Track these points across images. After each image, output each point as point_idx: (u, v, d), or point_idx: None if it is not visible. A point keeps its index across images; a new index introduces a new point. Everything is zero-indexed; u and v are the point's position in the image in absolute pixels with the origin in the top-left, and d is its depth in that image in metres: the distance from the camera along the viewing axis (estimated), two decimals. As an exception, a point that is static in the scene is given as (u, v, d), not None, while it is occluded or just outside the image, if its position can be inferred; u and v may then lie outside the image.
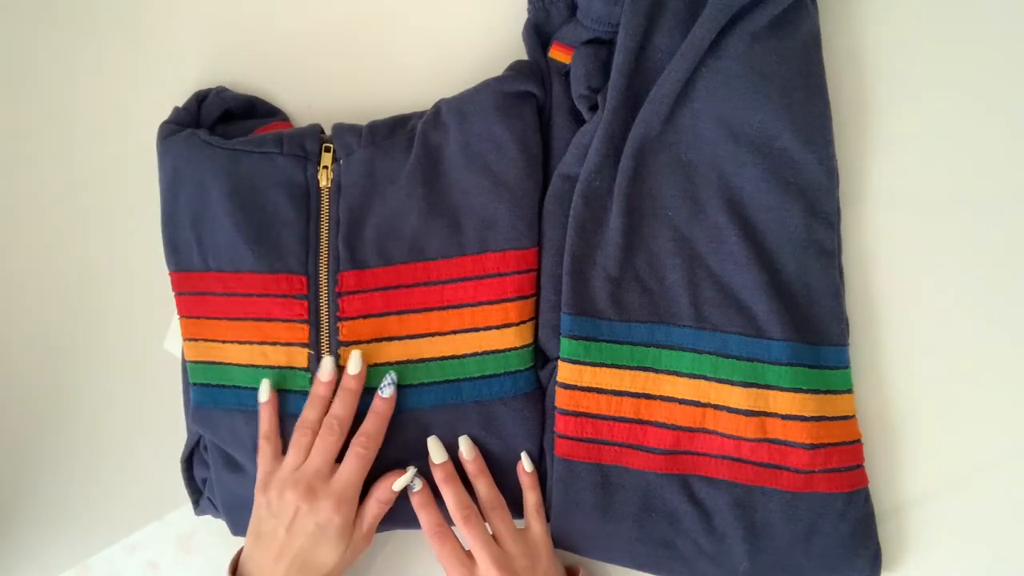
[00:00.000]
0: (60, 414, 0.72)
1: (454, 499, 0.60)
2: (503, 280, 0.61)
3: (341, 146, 0.63)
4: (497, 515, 0.60)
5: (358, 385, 0.61)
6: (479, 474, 0.61)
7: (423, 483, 0.61)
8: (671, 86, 0.59)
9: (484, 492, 0.61)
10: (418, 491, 0.61)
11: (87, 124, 0.74)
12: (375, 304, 0.62)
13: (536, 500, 0.61)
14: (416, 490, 0.61)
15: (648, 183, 0.61)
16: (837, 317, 0.60)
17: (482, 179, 0.61)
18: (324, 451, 0.59)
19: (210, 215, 0.63)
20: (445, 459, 0.61)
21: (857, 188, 0.63)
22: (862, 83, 0.64)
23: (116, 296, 0.72)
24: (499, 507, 0.60)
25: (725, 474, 0.59)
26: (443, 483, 0.60)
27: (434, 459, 0.61)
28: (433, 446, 0.61)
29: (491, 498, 0.60)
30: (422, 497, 0.61)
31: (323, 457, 0.59)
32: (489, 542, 0.58)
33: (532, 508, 0.61)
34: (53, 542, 0.71)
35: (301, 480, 0.58)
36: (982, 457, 0.62)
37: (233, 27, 0.72)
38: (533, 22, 0.65)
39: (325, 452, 0.59)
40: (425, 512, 0.60)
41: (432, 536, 0.60)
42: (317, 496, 0.58)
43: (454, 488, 0.60)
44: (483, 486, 0.61)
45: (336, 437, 0.59)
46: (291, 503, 0.58)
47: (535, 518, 0.61)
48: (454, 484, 0.60)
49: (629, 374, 0.60)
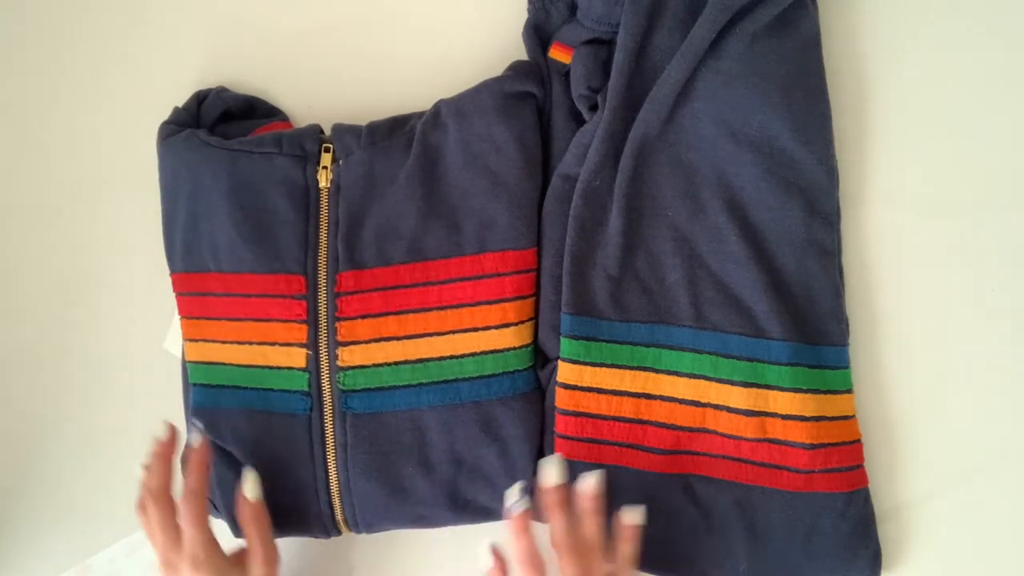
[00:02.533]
0: (60, 414, 0.72)
1: (561, 527, 0.55)
2: (502, 280, 0.61)
3: (340, 147, 0.63)
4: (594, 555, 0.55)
5: (163, 450, 0.59)
6: (593, 513, 0.56)
7: (527, 502, 0.56)
8: (671, 86, 0.59)
9: (593, 531, 0.55)
10: (520, 514, 0.55)
11: (87, 124, 0.74)
12: (374, 304, 0.62)
13: (630, 552, 0.56)
14: (517, 512, 0.55)
15: (648, 183, 0.61)
16: (837, 317, 0.60)
17: (481, 179, 0.61)
18: (159, 526, 0.57)
19: (210, 215, 0.63)
20: (562, 482, 0.56)
21: (857, 188, 0.63)
22: (862, 83, 0.64)
23: (116, 296, 0.72)
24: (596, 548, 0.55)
25: (725, 474, 0.59)
26: (553, 508, 0.55)
27: (548, 480, 0.56)
28: (552, 466, 0.56)
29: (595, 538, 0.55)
30: (521, 522, 0.55)
31: (162, 530, 0.57)
32: None
33: (622, 559, 0.56)
34: (53, 542, 0.71)
35: (161, 561, 0.58)
36: (982, 457, 0.62)
37: (233, 27, 0.72)
38: (533, 22, 0.65)
39: (160, 525, 0.57)
40: (522, 539, 0.55)
41: (525, 565, 0.55)
42: (176, 568, 0.57)
43: (564, 515, 0.55)
44: (594, 525, 0.55)
45: (159, 508, 0.57)
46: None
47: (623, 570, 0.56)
48: (564, 511, 0.55)
49: (629, 374, 0.60)
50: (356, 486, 0.61)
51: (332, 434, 0.62)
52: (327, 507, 0.62)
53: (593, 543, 0.55)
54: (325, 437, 0.62)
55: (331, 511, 0.63)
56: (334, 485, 0.62)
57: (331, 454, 0.62)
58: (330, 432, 0.62)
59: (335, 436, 0.62)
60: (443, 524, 0.64)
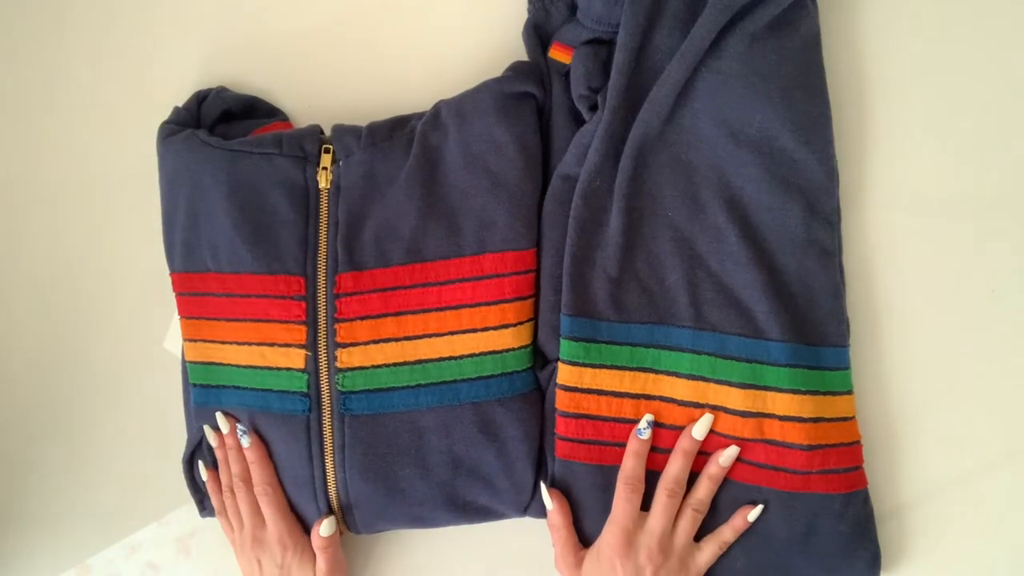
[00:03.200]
0: (60, 414, 0.72)
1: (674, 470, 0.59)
2: (501, 281, 0.61)
3: (340, 147, 0.63)
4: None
5: (234, 440, 0.64)
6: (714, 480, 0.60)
7: (650, 432, 0.60)
8: (671, 86, 0.59)
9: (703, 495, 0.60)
10: (643, 439, 0.59)
11: (87, 124, 0.74)
12: (373, 305, 0.62)
13: (725, 540, 0.60)
14: (642, 437, 0.59)
15: (648, 183, 0.61)
16: (837, 317, 0.60)
17: (481, 180, 0.61)
18: (245, 509, 0.64)
19: (209, 216, 0.63)
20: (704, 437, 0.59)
21: (857, 188, 0.63)
22: (862, 83, 0.64)
23: (116, 296, 0.72)
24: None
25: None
26: (680, 453, 0.59)
27: (698, 432, 0.59)
28: (705, 421, 0.59)
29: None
30: (640, 447, 0.59)
31: (248, 513, 0.64)
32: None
33: (716, 536, 0.60)
34: (53, 542, 0.71)
35: (247, 538, 0.64)
36: (982, 457, 0.61)
37: (233, 27, 0.72)
38: (533, 22, 0.65)
39: (246, 509, 0.64)
40: (635, 461, 0.59)
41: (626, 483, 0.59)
42: (263, 544, 0.63)
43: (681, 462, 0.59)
44: (707, 491, 0.60)
45: (244, 493, 0.64)
46: (252, 558, 0.64)
47: (710, 543, 0.59)
48: (687, 461, 0.59)
49: (629, 375, 0.60)
50: (354, 487, 0.61)
51: (331, 435, 0.62)
52: (325, 507, 0.62)
53: (699, 504, 0.59)
54: (324, 438, 0.62)
55: (329, 511, 0.63)
56: (332, 486, 0.62)
57: (329, 455, 0.62)
58: (328, 433, 0.62)
59: (334, 437, 0.62)
60: (442, 524, 0.64)
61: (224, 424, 0.64)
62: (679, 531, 0.59)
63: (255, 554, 0.63)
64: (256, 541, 0.63)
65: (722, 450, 0.59)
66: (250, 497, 0.63)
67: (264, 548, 0.63)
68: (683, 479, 0.59)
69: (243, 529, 0.64)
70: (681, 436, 0.60)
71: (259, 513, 0.63)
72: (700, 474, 0.60)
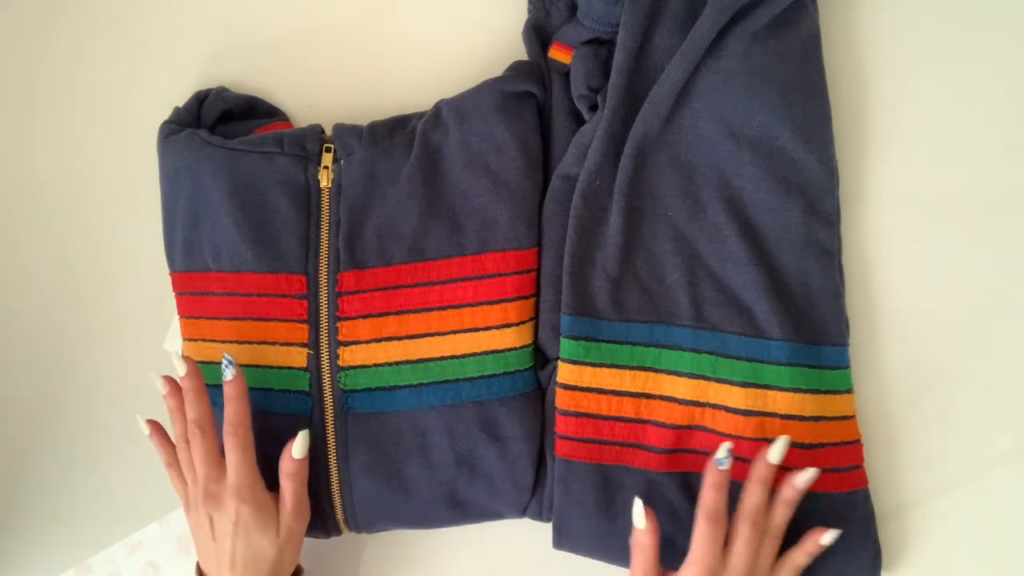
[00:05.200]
0: (60, 414, 0.72)
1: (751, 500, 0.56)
2: (503, 280, 0.61)
3: (342, 147, 0.63)
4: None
5: (194, 382, 0.59)
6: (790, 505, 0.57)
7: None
8: (671, 86, 0.59)
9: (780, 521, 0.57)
10: (723, 470, 0.55)
11: (87, 124, 0.74)
12: (374, 304, 0.62)
13: (798, 565, 0.57)
14: (722, 468, 0.55)
15: (648, 183, 0.61)
16: (837, 317, 0.60)
17: (482, 179, 0.61)
18: (202, 456, 0.58)
19: (210, 215, 0.63)
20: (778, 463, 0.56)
21: (857, 188, 0.64)
22: (862, 83, 0.64)
23: (116, 296, 0.72)
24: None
25: (724, 472, 0.60)
26: (757, 481, 0.56)
27: (772, 456, 0.56)
28: (780, 444, 0.56)
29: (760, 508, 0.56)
30: (722, 478, 0.56)
31: (204, 461, 0.58)
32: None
33: (789, 563, 0.57)
34: (53, 542, 0.71)
35: (199, 491, 0.58)
36: (982, 457, 0.62)
37: (233, 27, 0.72)
38: (533, 22, 0.65)
39: (203, 456, 0.58)
40: (717, 494, 0.56)
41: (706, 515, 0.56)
42: (218, 498, 0.58)
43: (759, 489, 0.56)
44: (784, 517, 0.57)
45: (202, 438, 0.58)
46: (204, 515, 0.59)
47: (785, 571, 0.57)
48: (765, 488, 0.57)
49: (629, 374, 0.60)
50: (356, 486, 0.61)
51: (333, 434, 0.62)
52: (327, 506, 0.62)
53: (777, 531, 0.57)
54: (326, 437, 0.62)
55: (331, 510, 0.63)
56: (334, 485, 0.62)
57: (332, 454, 0.62)
58: (331, 432, 0.62)
59: (336, 436, 0.62)
60: (443, 524, 0.64)
61: (182, 366, 0.59)
62: (760, 561, 0.56)
63: (207, 510, 0.58)
64: (209, 496, 0.58)
65: (798, 472, 0.56)
66: (207, 443, 0.58)
67: (218, 503, 0.58)
68: (764, 508, 0.56)
69: (196, 483, 0.58)
70: (756, 463, 0.57)
71: (217, 463, 0.58)
72: (773, 502, 0.57)
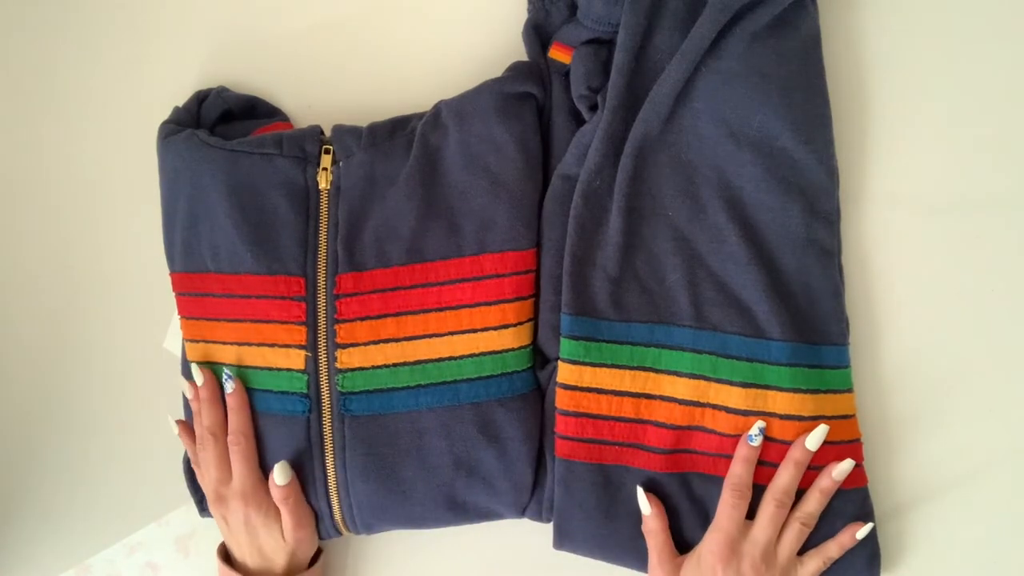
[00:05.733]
0: (60, 414, 0.72)
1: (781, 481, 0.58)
2: (501, 281, 0.61)
3: (341, 148, 0.63)
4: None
5: (209, 392, 0.63)
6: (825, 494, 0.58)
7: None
8: (671, 86, 0.59)
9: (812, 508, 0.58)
10: (752, 446, 0.57)
11: (87, 124, 0.74)
12: (373, 306, 0.62)
13: (830, 556, 0.58)
14: (752, 444, 0.57)
15: (648, 183, 0.61)
16: (837, 317, 0.60)
17: (481, 180, 0.61)
18: (212, 462, 0.62)
19: (209, 216, 0.63)
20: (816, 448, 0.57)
21: (857, 188, 0.64)
22: (862, 83, 0.64)
23: (116, 296, 0.72)
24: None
25: (723, 472, 0.59)
26: (791, 463, 0.57)
27: (811, 442, 0.57)
28: (819, 432, 0.57)
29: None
30: (750, 453, 0.57)
31: (215, 466, 0.62)
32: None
33: (821, 551, 0.58)
34: (53, 542, 0.71)
35: (211, 494, 0.63)
36: (982, 457, 0.62)
37: (233, 27, 0.72)
38: (533, 22, 0.65)
39: (214, 462, 0.62)
40: (744, 467, 0.58)
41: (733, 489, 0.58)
42: (226, 500, 0.62)
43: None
44: (818, 503, 0.58)
45: (214, 444, 0.62)
46: (218, 514, 0.63)
47: (814, 559, 0.58)
48: (798, 471, 0.58)
49: (629, 374, 0.60)
50: (355, 487, 0.61)
51: (331, 436, 0.62)
52: (326, 508, 0.62)
53: (807, 518, 0.57)
54: (324, 439, 0.62)
55: (330, 512, 0.63)
56: (333, 486, 0.62)
57: (330, 456, 0.62)
58: (329, 434, 0.62)
59: (334, 438, 0.62)
60: (442, 525, 0.64)
61: (199, 376, 0.63)
62: (784, 543, 0.57)
63: (219, 511, 0.62)
64: (219, 498, 0.62)
65: (836, 463, 0.57)
66: (219, 450, 0.62)
67: (227, 505, 0.62)
68: (792, 490, 0.57)
69: (208, 486, 0.63)
70: (793, 446, 0.57)
71: (225, 467, 0.62)
72: (810, 487, 0.58)
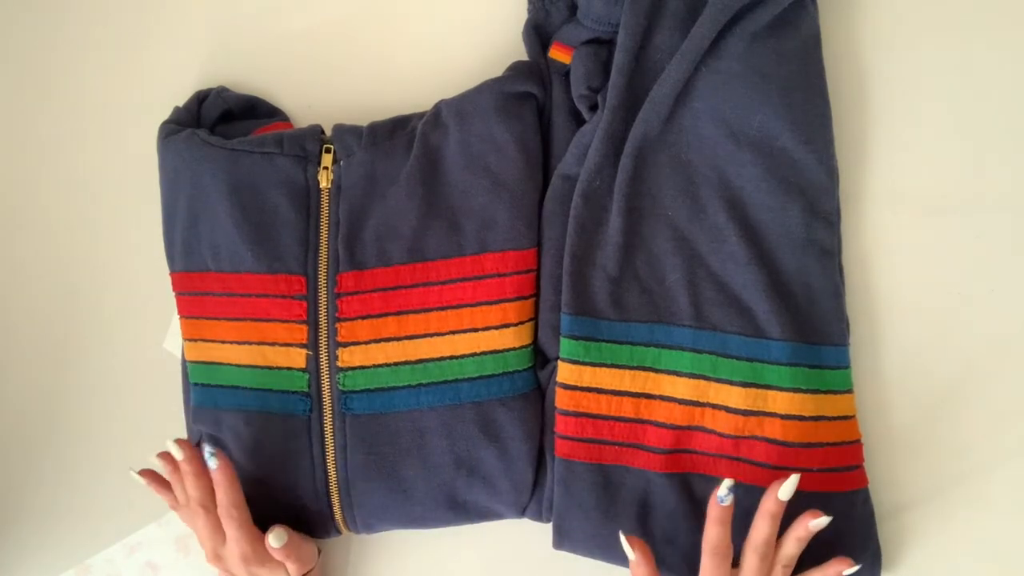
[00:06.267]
0: (60, 414, 0.72)
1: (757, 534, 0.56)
2: (502, 280, 0.61)
3: (341, 147, 0.63)
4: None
5: (194, 467, 0.60)
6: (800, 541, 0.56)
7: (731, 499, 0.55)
8: (671, 86, 0.59)
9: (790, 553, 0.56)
10: (725, 507, 0.54)
11: (87, 124, 0.74)
12: (374, 305, 0.62)
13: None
14: (724, 505, 0.54)
15: (648, 183, 0.61)
16: (837, 317, 0.60)
17: (482, 180, 0.61)
18: (205, 532, 0.61)
19: (210, 215, 0.63)
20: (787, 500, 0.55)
21: (857, 188, 0.64)
22: (862, 83, 0.64)
23: (116, 296, 0.72)
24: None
25: (723, 472, 0.59)
26: (767, 516, 0.55)
27: (783, 494, 0.55)
28: (790, 484, 0.55)
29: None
30: (724, 514, 0.55)
31: (209, 537, 0.61)
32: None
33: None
34: (53, 542, 0.71)
35: (209, 553, 0.62)
36: (982, 457, 0.62)
37: (233, 27, 0.72)
38: (533, 22, 0.65)
39: (206, 532, 0.61)
40: (720, 528, 0.55)
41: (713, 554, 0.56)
42: (226, 562, 0.61)
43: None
44: (768, 528, 0.56)
45: (203, 516, 0.61)
46: (219, 567, 0.62)
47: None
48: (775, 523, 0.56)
49: (629, 374, 0.60)
50: (355, 487, 0.61)
51: (331, 435, 0.62)
52: (326, 507, 0.62)
53: (789, 561, 0.56)
54: (324, 438, 0.62)
55: (330, 511, 0.63)
56: (333, 486, 0.62)
57: (330, 455, 0.62)
58: (329, 433, 0.62)
59: (334, 437, 0.62)
60: (442, 524, 0.64)
61: (179, 451, 0.60)
62: None
63: (220, 566, 0.62)
64: (218, 559, 0.61)
65: (813, 516, 0.55)
66: (211, 521, 0.61)
67: (228, 567, 0.62)
68: (773, 540, 0.55)
69: (205, 548, 0.62)
70: (766, 498, 0.55)
71: (220, 535, 0.61)
72: (786, 534, 0.56)
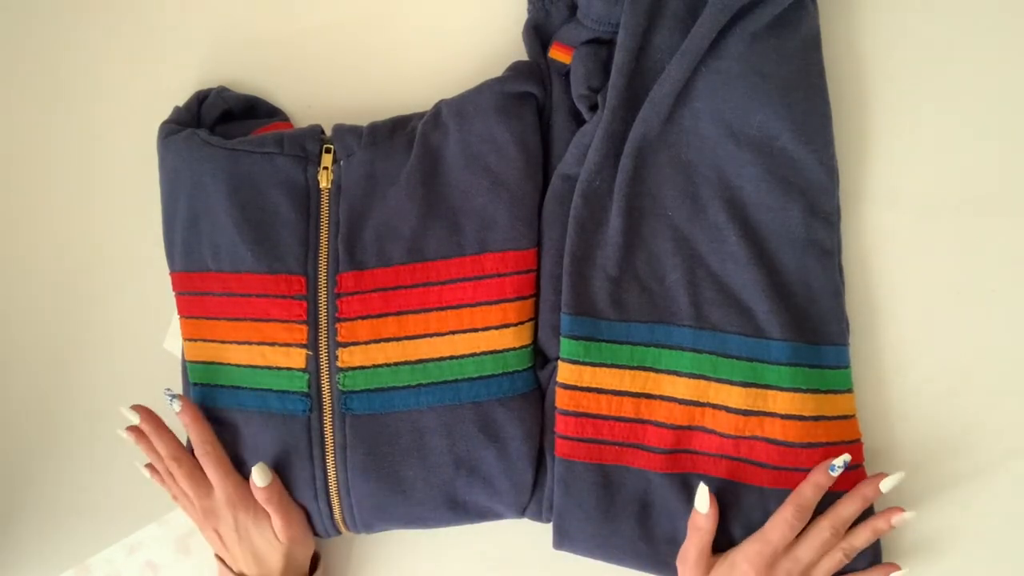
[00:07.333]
0: (60, 414, 0.72)
1: None
2: (502, 280, 0.61)
3: (341, 147, 0.63)
4: None
5: (152, 424, 0.63)
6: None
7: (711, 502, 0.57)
8: (671, 86, 0.59)
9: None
10: (835, 474, 0.57)
11: (87, 124, 0.74)
12: (374, 305, 0.62)
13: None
14: (835, 473, 0.57)
15: (648, 183, 0.61)
16: (837, 317, 0.60)
17: (482, 180, 0.61)
18: (187, 482, 0.62)
19: (210, 215, 0.63)
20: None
21: (857, 188, 0.64)
22: (862, 83, 0.64)
23: (116, 296, 0.72)
24: None
25: (723, 472, 0.59)
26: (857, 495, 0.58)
27: (885, 487, 0.57)
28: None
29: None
30: (828, 480, 0.57)
31: (191, 485, 0.62)
32: None
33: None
34: (53, 542, 0.71)
35: (197, 511, 0.63)
36: (982, 457, 0.62)
37: (233, 27, 0.72)
38: (533, 22, 0.65)
39: (189, 482, 0.62)
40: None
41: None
42: (214, 511, 0.62)
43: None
44: (855, 508, 0.58)
45: (179, 468, 0.62)
46: (210, 530, 0.63)
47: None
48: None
49: (629, 374, 0.60)
50: (355, 487, 0.61)
51: (331, 435, 0.62)
52: (326, 507, 0.62)
53: (851, 551, 0.57)
54: (324, 438, 0.62)
55: (330, 511, 0.63)
56: (333, 485, 0.62)
57: (330, 455, 0.62)
58: (329, 433, 0.62)
59: (334, 437, 0.62)
60: (442, 524, 0.64)
61: (133, 414, 0.63)
62: (821, 569, 0.57)
63: (210, 525, 0.62)
64: (207, 512, 0.62)
65: (897, 512, 0.57)
66: (189, 468, 0.62)
67: (217, 517, 0.62)
68: (850, 522, 0.57)
69: (192, 505, 0.63)
70: (868, 483, 0.57)
71: (203, 482, 0.62)
72: (862, 524, 0.58)
